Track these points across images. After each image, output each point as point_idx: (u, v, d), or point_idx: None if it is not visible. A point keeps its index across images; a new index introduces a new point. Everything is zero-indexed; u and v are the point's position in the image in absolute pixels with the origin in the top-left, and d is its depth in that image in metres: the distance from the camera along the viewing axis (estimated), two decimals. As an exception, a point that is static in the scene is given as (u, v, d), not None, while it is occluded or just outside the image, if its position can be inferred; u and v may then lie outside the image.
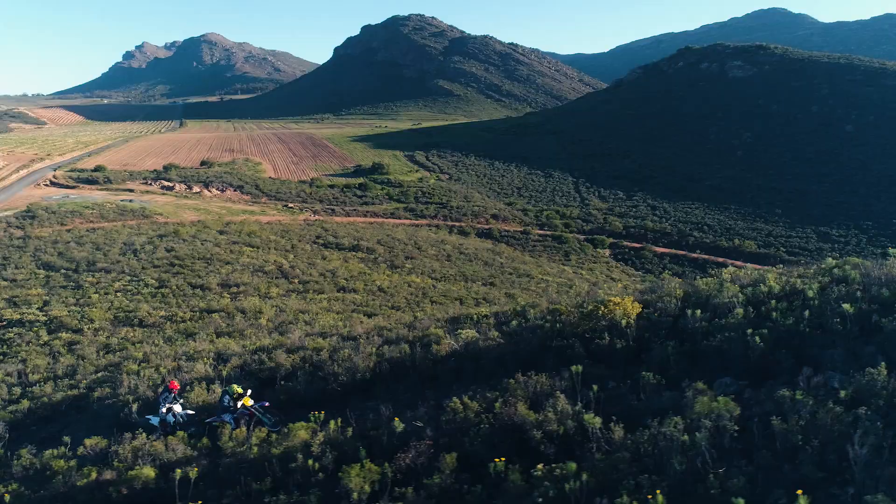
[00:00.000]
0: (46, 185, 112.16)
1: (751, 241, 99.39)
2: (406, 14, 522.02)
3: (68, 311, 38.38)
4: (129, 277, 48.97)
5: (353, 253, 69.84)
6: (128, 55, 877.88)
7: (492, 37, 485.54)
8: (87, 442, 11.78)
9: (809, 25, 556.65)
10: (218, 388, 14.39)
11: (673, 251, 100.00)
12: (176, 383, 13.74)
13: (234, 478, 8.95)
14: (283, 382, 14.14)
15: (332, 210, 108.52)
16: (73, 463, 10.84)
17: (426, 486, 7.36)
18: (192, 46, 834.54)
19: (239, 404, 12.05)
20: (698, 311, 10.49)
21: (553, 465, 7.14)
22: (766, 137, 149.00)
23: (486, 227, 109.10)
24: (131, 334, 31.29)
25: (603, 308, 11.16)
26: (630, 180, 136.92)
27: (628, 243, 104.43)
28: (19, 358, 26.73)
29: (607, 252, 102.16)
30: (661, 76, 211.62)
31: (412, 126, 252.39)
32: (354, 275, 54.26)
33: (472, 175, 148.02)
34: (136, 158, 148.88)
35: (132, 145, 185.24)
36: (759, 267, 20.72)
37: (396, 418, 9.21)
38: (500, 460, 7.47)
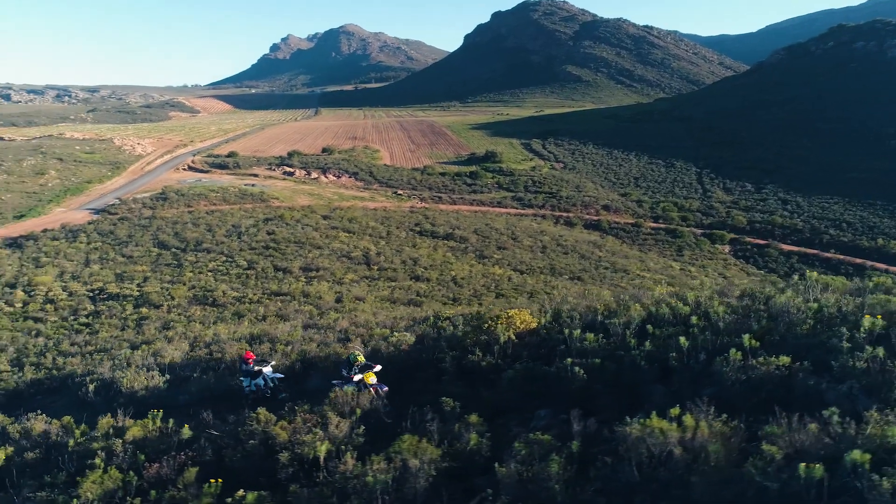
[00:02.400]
0: (184, 169, 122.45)
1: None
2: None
3: (160, 288, 41.72)
4: (224, 258, 52.34)
5: (445, 241, 70.17)
6: (274, 47, 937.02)
7: (625, 19, 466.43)
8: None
9: None
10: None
11: (802, 250, 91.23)
12: (251, 353, 13.29)
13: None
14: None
15: (439, 198, 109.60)
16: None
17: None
18: (331, 38, 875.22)
19: (357, 377, 10.50)
20: (577, 332, 9.26)
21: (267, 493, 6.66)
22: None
23: (595, 218, 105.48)
24: (198, 313, 33.43)
25: (490, 322, 10.22)
26: (760, 171, 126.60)
27: (751, 239, 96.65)
28: (89, 330, 29.36)
29: (726, 248, 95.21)
30: (806, 57, 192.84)
31: (534, 113, 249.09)
32: (436, 264, 54.52)
33: (587, 164, 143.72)
34: (267, 145, 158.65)
35: (266, 132, 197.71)
36: None
37: (186, 426, 8.94)
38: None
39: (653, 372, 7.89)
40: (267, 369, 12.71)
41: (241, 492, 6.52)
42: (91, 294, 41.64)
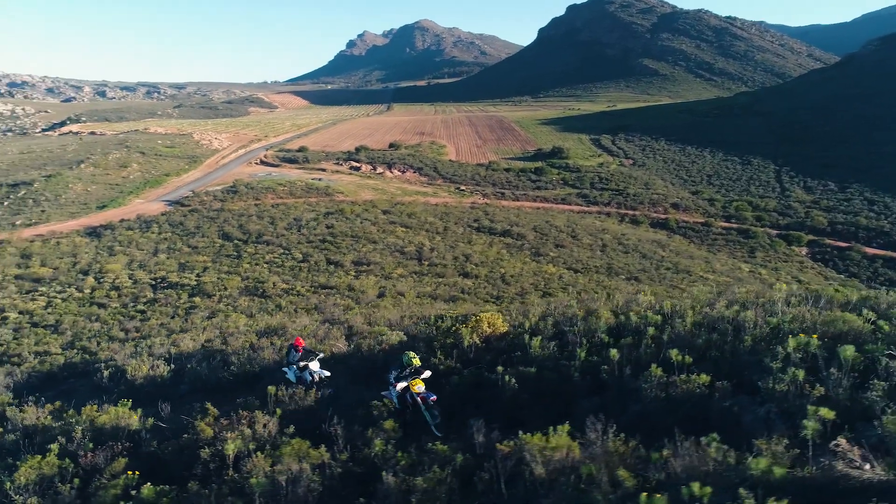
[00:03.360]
0: (256, 163, 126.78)
1: None
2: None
3: (217, 278, 43.36)
4: (282, 250, 53.86)
5: (502, 238, 69.67)
6: (350, 44, 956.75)
7: (706, 11, 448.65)
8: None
9: None
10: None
11: (889, 254, 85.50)
12: (301, 340, 12.66)
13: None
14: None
15: (502, 194, 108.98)
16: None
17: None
18: (406, 33, 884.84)
19: (400, 385, 9.02)
20: (536, 339, 8.87)
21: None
22: None
23: (663, 216, 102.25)
24: (245, 304, 34.54)
25: (459, 325, 9.95)
26: (845, 169, 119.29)
27: (832, 241, 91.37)
28: (141, 317, 30.84)
29: (804, 250, 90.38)
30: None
31: (606, 108, 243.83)
32: (488, 260, 54.22)
33: (658, 160, 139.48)
34: (337, 140, 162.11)
35: (337, 128, 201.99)
36: None
37: (134, 415, 9.16)
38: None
39: (585, 385, 7.51)
40: (314, 364, 11.92)
41: (147, 485, 6.63)
42: (153, 282, 43.75)
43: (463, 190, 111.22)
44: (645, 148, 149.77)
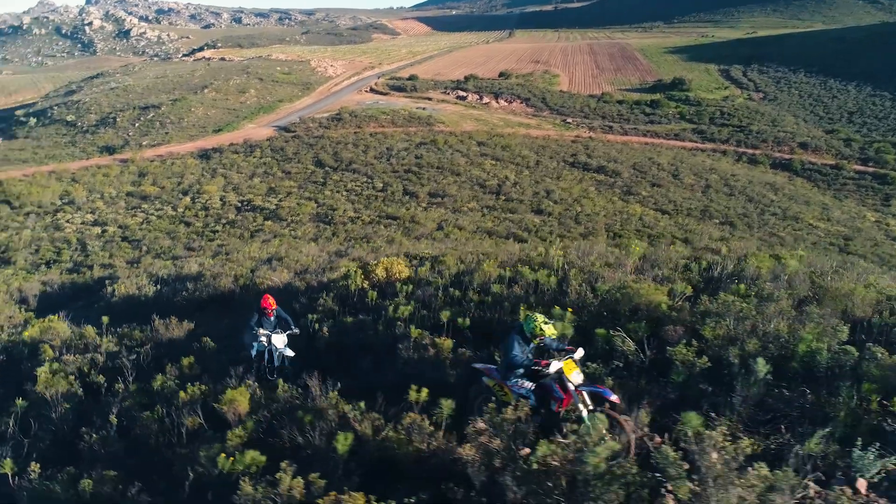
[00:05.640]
0: (366, 91, 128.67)
1: None
2: None
3: (296, 204, 45.46)
4: (365, 179, 55.21)
5: (595, 175, 67.15)
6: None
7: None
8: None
9: None
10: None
11: None
12: (272, 300, 9.73)
13: None
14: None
15: (610, 128, 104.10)
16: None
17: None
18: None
19: (555, 366, 6.25)
20: (409, 287, 8.64)
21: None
22: None
23: (787, 156, 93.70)
24: (310, 230, 36.13)
25: (356, 272, 9.89)
26: None
27: None
28: (210, 237, 33.19)
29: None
30: None
31: (745, 35, 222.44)
32: (569, 198, 52.56)
33: (792, 94, 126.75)
34: (449, 68, 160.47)
35: (452, 55, 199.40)
36: None
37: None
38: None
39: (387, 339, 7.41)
40: (278, 339, 9.34)
41: None
42: (239, 205, 46.67)
43: (569, 123, 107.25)
44: (780, 80, 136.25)
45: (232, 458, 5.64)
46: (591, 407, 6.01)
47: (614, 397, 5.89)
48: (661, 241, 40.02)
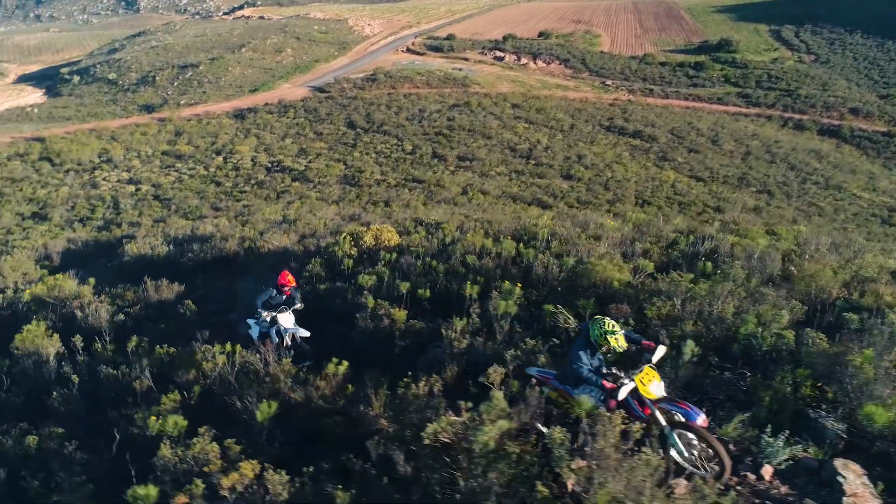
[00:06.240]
0: (403, 51, 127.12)
1: None
2: None
3: (325, 165, 45.68)
4: (395, 141, 54.99)
5: (630, 140, 65.60)
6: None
7: None
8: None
9: None
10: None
11: None
12: (289, 276, 8.79)
13: None
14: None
15: (650, 91, 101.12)
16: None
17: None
18: None
19: (628, 385, 5.40)
20: (392, 255, 8.65)
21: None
22: None
23: (836, 122, 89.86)
24: (335, 192, 36.34)
25: (344, 239, 9.93)
26: None
27: None
28: (237, 198, 33.69)
29: None
30: None
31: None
32: (601, 163, 51.55)
33: (846, 57, 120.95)
34: (487, 27, 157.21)
35: (493, 14, 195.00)
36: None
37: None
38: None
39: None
40: (285, 318, 8.59)
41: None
42: (269, 165, 47.12)
43: (608, 85, 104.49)
44: (834, 42, 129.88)
45: (160, 421, 5.94)
46: (668, 424, 5.23)
47: (702, 419, 5.02)
48: (692, 209, 39.31)
